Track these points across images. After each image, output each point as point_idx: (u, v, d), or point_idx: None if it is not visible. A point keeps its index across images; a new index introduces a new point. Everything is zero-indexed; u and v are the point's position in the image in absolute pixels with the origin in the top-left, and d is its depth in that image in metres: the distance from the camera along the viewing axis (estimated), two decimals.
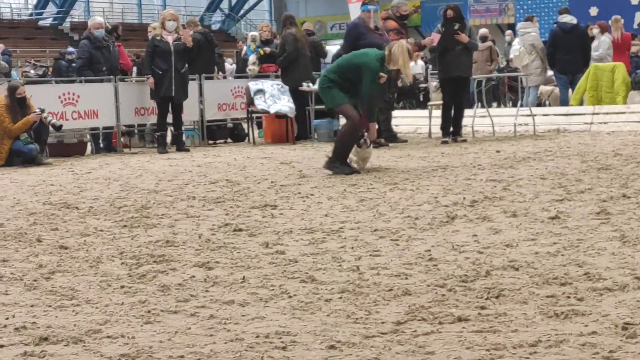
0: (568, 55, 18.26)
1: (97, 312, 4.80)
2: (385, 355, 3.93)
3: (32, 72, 27.53)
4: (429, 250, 6.17)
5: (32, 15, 50.40)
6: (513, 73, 20.16)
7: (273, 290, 5.18)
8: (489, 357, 3.85)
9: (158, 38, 15.46)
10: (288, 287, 5.26)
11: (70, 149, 15.57)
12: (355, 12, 17.34)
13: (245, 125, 18.00)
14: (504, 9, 41.15)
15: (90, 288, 5.38)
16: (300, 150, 14.79)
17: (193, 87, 16.53)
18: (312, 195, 9.13)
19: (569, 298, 4.76)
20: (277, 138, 16.88)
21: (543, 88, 20.19)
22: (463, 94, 15.60)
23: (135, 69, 21.98)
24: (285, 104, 16.56)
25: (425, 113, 17.63)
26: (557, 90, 19.33)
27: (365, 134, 11.03)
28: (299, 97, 17.00)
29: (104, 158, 14.91)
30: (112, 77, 15.84)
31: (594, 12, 34.65)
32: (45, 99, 14.82)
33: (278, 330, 4.34)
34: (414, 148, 14.45)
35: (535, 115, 16.72)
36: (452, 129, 15.38)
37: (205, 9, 54.35)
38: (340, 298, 4.96)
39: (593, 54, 18.98)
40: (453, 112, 15.36)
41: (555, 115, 17.49)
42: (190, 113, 16.80)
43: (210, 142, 17.34)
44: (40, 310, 4.87)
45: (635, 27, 32.64)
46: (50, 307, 4.94)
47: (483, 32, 20.56)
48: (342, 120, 17.50)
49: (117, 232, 7.38)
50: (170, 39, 15.49)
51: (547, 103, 20.15)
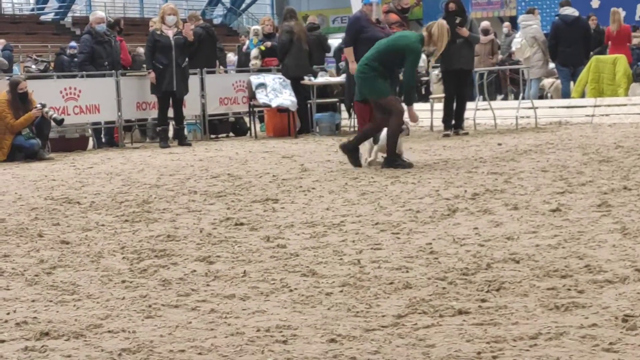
0: (570, 48, 18.23)
1: (98, 306, 4.81)
2: (386, 349, 3.93)
3: (33, 67, 27.55)
4: (430, 244, 6.17)
5: (33, 10, 50.42)
6: (515, 66, 20.12)
7: (274, 284, 5.19)
8: (489, 349, 3.85)
9: (158, 32, 15.45)
10: (289, 280, 5.26)
11: (72, 144, 15.57)
12: (357, 5, 17.31)
13: (247, 119, 18.00)
14: (506, 2, 41.06)
15: (92, 283, 5.39)
16: (302, 144, 14.79)
17: (195, 81, 16.53)
18: (313, 189, 9.14)
19: (570, 290, 4.77)
20: (279, 132, 16.87)
21: (546, 81, 20.17)
22: (465, 87, 15.58)
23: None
24: (287, 98, 16.55)
25: (427, 106, 17.61)
26: (558, 83, 19.30)
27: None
28: (301, 90, 17.02)
29: (106, 153, 14.92)
30: (113, 71, 15.83)
31: (596, 4, 34.61)
32: (47, 94, 14.81)
33: (279, 324, 4.35)
34: (416, 141, 14.44)
35: (537, 108, 16.71)
36: (454, 122, 15.37)
37: (207, 3, 54.30)
38: (341, 292, 4.96)
39: None
40: (455, 105, 15.35)
41: (557, 108, 17.48)
42: (192, 107, 16.80)
43: (212, 136, 17.34)
44: (41, 305, 4.87)
45: (637, 18, 32.60)
46: (51, 302, 4.95)
47: (485, 25, 20.53)
48: (344, 114, 17.56)
49: (118, 226, 7.38)
50: (171, 34, 15.47)
51: (549, 96, 20.13)
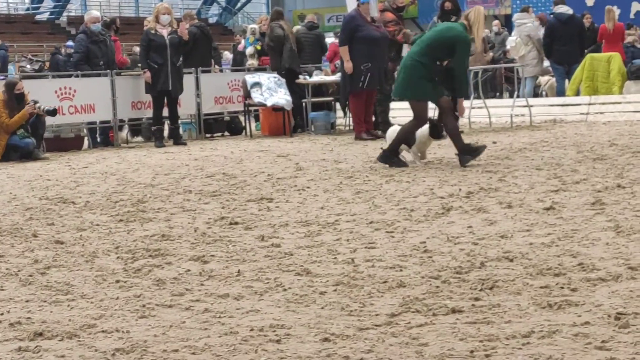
0: (565, 46, 18.25)
1: (92, 306, 4.82)
2: (379, 348, 3.94)
3: (28, 67, 27.52)
4: (424, 242, 6.18)
5: (28, 10, 50.34)
6: (510, 64, 20.14)
7: (268, 284, 5.20)
8: (482, 348, 3.86)
9: (152, 32, 15.44)
10: (283, 280, 5.27)
11: (67, 144, 15.57)
12: (352, 4, 17.35)
13: (242, 119, 18.00)
14: (501, 0, 41.13)
15: (86, 283, 5.39)
16: (298, 143, 14.80)
17: (190, 80, 16.53)
18: (308, 188, 9.15)
19: (563, 289, 4.78)
20: (274, 131, 16.88)
21: (542, 78, 20.20)
22: None
23: None
24: (282, 97, 16.56)
25: None
26: (553, 81, 19.32)
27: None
28: (296, 89, 17.05)
29: (101, 152, 14.92)
30: (108, 71, 15.83)
31: (591, 1, 34.62)
32: (42, 94, 14.81)
33: (272, 323, 4.35)
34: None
35: (532, 106, 16.73)
36: None
37: (202, 2, 54.26)
38: (335, 290, 4.97)
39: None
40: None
41: (552, 106, 17.50)
42: (187, 106, 16.79)
43: (208, 135, 17.34)
44: (35, 306, 4.88)
45: (632, 16, 32.63)
46: (45, 302, 4.95)
47: None
48: (339, 113, 17.57)
49: (113, 226, 7.39)
50: (165, 33, 15.47)
51: (544, 94, 20.16)
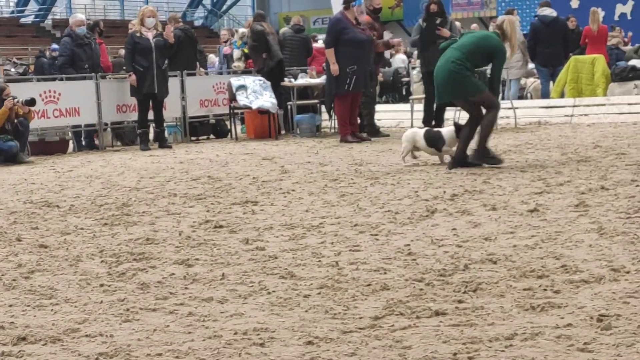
0: (549, 48, 18.28)
1: (75, 311, 4.81)
2: (363, 351, 3.95)
3: (12, 70, 27.44)
4: (408, 245, 6.20)
5: (13, 13, 50.18)
6: None
7: (252, 287, 5.20)
8: (465, 350, 3.88)
9: (137, 35, 15.42)
10: (267, 283, 5.28)
11: (52, 147, 15.54)
12: (338, 6, 17.35)
13: (228, 121, 17.99)
14: (486, 2, 41.21)
15: (70, 287, 5.38)
16: (283, 146, 14.80)
17: (175, 83, 16.50)
18: (293, 191, 9.15)
19: (546, 291, 4.80)
20: (259, 134, 16.86)
21: (527, 81, 20.25)
22: None
23: None
24: (268, 100, 16.56)
25: (408, 107, 17.65)
26: (538, 83, 19.37)
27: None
28: (282, 92, 17.10)
29: (86, 156, 14.89)
30: (93, 74, 15.79)
31: (575, 4, 34.73)
32: (27, 97, 14.74)
33: (256, 327, 4.36)
34: (396, 142, 14.43)
35: (517, 108, 16.77)
36: (434, 123, 15.41)
37: (188, 5, 54.21)
38: (319, 294, 4.98)
39: None
40: (435, 105, 15.39)
41: (536, 108, 17.54)
42: (173, 109, 16.77)
43: (193, 138, 17.32)
44: (19, 310, 4.87)
45: (616, 18, 32.77)
46: (29, 306, 4.94)
47: (457, 25, 20.52)
48: (325, 115, 17.55)
49: (97, 230, 7.38)
50: (150, 36, 15.45)
51: (529, 96, 20.21)
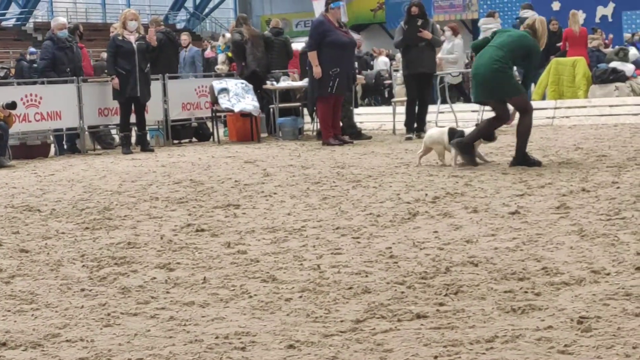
0: None
1: (56, 315, 4.80)
2: (344, 354, 3.95)
3: None
4: (390, 248, 6.20)
5: None
6: None
7: (234, 291, 5.20)
8: (446, 353, 3.88)
9: (120, 38, 15.39)
10: (249, 287, 5.27)
11: (34, 151, 15.48)
12: (320, 9, 17.37)
13: (210, 125, 17.97)
14: (468, 5, 41.33)
15: (50, 292, 5.36)
16: (265, 149, 14.79)
17: (157, 86, 16.47)
18: (275, 194, 9.14)
19: (527, 293, 4.81)
20: (242, 137, 16.86)
21: None
22: (427, 90, 15.67)
23: None
24: (250, 103, 16.56)
25: (390, 109, 17.68)
26: None
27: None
28: (264, 95, 17.11)
29: (68, 159, 14.84)
30: (74, 78, 15.75)
31: (557, 6, 34.84)
32: (7, 101, 14.68)
33: (237, 331, 4.35)
34: (378, 145, 14.50)
35: None
36: (416, 125, 15.45)
37: (170, 8, 54.15)
38: (301, 297, 4.98)
39: (448, 57, 19.32)
40: (417, 108, 15.44)
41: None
42: (155, 113, 16.74)
43: (175, 141, 17.29)
44: None
45: (597, 21, 32.89)
46: (9, 311, 4.92)
47: (438, 28, 20.58)
48: (307, 118, 17.55)
49: (78, 234, 7.35)
50: (133, 39, 15.42)
51: None
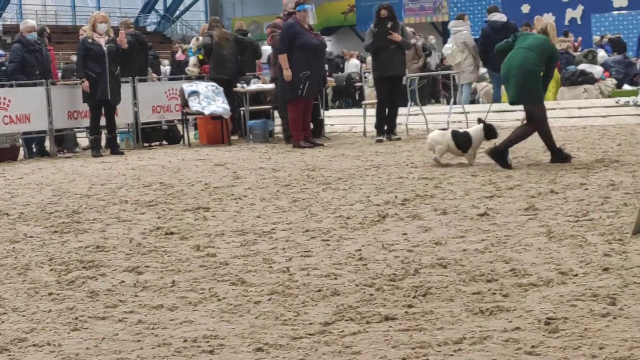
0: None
1: (23, 320, 4.76)
2: (312, 357, 3.95)
3: None
4: (359, 250, 6.21)
5: None
6: (446, 71, 20.31)
7: (202, 294, 5.18)
8: (414, 355, 3.89)
9: (90, 41, 15.31)
10: (218, 290, 5.26)
11: (3, 154, 15.36)
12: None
13: (180, 127, 17.92)
14: (438, 8, 41.47)
15: (18, 296, 5.33)
16: (236, 152, 14.77)
17: (127, 89, 16.41)
18: (245, 197, 9.13)
19: (495, 294, 4.83)
20: (212, 139, 16.82)
21: (479, 85, 20.39)
22: (397, 93, 15.70)
23: None
24: (220, 105, 16.52)
25: (360, 112, 17.71)
26: (489, 87, 19.51)
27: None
28: (234, 97, 17.10)
29: (37, 163, 14.75)
30: (44, 80, 15.66)
31: (526, 9, 35.07)
32: None
33: (206, 334, 4.35)
34: (348, 147, 14.51)
35: (468, 113, 16.88)
36: (386, 128, 15.48)
37: (140, 10, 53.96)
38: (270, 300, 4.97)
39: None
40: (387, 110, 15.47)
41: (488, 112, 17.64)
42: (125, 116, 16.67)
43: (145, 144, 17.23)
44: None
45: (567, 23, 33.13)
46: None
47: (408, 30, 20.64)
48: (277, 121, 17.53)
49: (47, 238, 7.31)
50: (103, 42, 15.35)
51: (480, 100, 20.35)
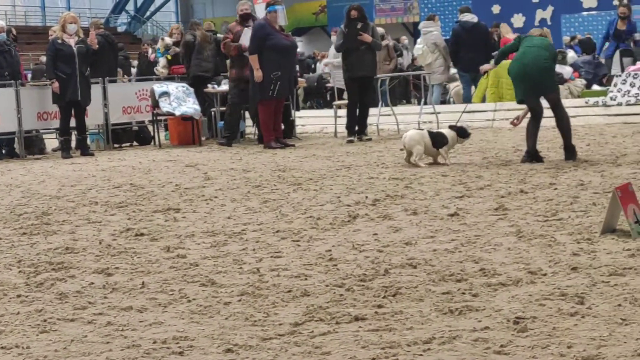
0: (470, 54, 18.45)
1: None
2: (282, 357, 3.95)
3: None
4: (330, 250, 6.22)
5: None
6: (417, 72, 20.35)
7: (172, 295, 5.17)
8: (384, 355, 3.90)
9: (59, 41, 15.22)
10: (187, 291, 5.25)
11: None
12: (261, 12, 17.35)
13: (151, 128, 17.84)
14: (409, 8, 41.57)
15: None
16: (207, 153, 14.73)
17: (97, 90, 16.32)
18: (215, 198, 9.12)
19: (464, 294, 4.85)
20: (183, 140, 16.77)
21: (450, 85, 20.45)
22: (368, 93, 15.72)
23: None
24: (191, 106, 16.47)
25: (331, 112, 17.72)
26: (460, 88, 19.57)
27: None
28: (205, 98, 17.07)
29: (6, 164, 14.64)
30: (12, 81, 15.55)
31: (497, 10, 35.21)
32: None
33: (175, 335, 4.34)
34: (319, 148, 14.51)
35: (439, 113, 16.92)
36: (357, 128, 15.50)
37: (111, 11, 53.69)
38: (240, 301, 4.97)
39: (333, 61, 19.71)
40: (358, 111, 15.48)
41: (459, 113, 17.68)
42: (95, 116, 16.58)
43: (116, 145, 17.14)
44: None
45: (536, 24, 33.26)
46: None
47: (380, 31, 20.65)
48: (249, 121, 17.51)
49: (16, 240, 7.26)
50: (72, 42, 15.27)
51: (451, 100, 20.41)
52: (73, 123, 15.56)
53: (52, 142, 17.16)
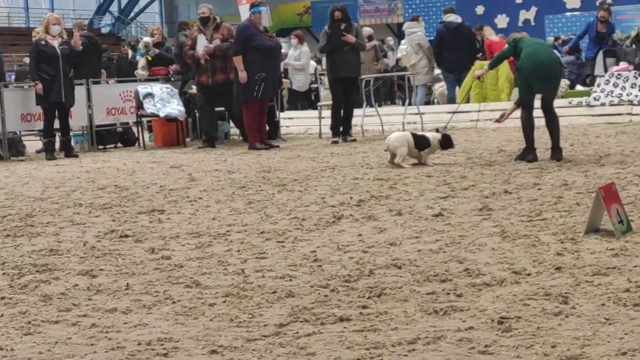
0: (454, 54, 18.51)
1: None
2: (267, 358, 3.96)
3: None
4: (314, 251, 6.22)
5: None
6: (401, 72, 20.38)
7: (157, 297, 5.17)
8: (369, 356, 3.91)
9: (43, 43, 15.18)
10: (172, 292, 5.25)
11: None
12: (245, 13, 17.32)
13: (135, 130, 17.80)
14: (393, 9, 41.64)
15: None
16: (191, 154, 14.71)
17: (81, 91, 16.28)
18: (200, 199, 9.11)
19: (449, 294, 4.86)
20: (167, 142, 16.75)
21: (434, 86, 20.50)
22: (352, 94, 15.74)
23: None
24: (175, 107, 16.46)
25: (316, 113, 17.73)
26: (444, 89, 19.61)
27: None
28: (190, 100, 17.04)
29: None
30: None
31: (480, 10, 35.26)
32: None
33: (160, 337, 4.33)
34: (304, 149, 14.52)
35: (423, 114, 16.95)
36: (341, 129, 15.51)
37: (95, 12, 53.57)
38: (224, 302, 4.97)
39: (294, 63, 19.87)
40: (342, 112, 15.49)
41: (443, 113, 17.73)
42: (79, 118, 16.54)
43: (100, 147, 17.09)
44: None
45: (520, 24, 33.37)
46: None
47: (367, 31, 20.68)
48: (231, 123, 17.49)
49: None
50: (56, 43, 15.22)
51: (435, 101, 20.45)
52: (57, 125, 15.53)
53: (35, 143, 17.10)
